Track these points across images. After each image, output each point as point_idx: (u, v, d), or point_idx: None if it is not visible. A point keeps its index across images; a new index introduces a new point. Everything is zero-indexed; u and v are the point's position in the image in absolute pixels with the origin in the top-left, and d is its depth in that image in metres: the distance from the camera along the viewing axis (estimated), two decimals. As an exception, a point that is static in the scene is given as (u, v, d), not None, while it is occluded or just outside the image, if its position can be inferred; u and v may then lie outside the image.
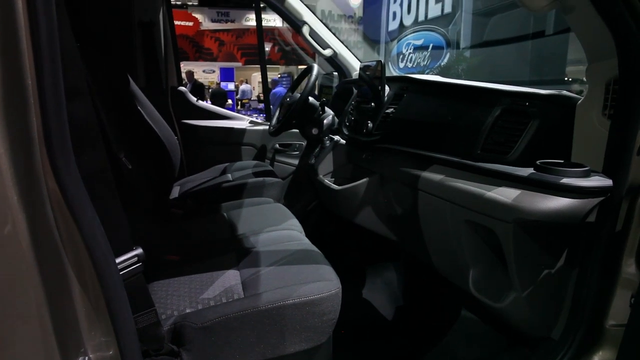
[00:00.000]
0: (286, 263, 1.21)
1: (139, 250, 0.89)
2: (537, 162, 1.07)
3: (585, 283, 1.09)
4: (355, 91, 2.16)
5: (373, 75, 1.82)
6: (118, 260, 0.85)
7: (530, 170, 1.08)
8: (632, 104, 0.99)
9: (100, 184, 0.81)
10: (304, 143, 2.61)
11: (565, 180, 1.00)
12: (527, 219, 1.03)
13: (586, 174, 1.02)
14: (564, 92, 1.22)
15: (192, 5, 16.79)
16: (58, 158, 0.65)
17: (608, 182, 1.00)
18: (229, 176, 2.29)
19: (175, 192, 2.25)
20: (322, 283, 1.08)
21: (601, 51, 1.05)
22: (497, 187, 1.12)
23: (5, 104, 0.59)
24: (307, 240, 1.41)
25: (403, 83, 1.75)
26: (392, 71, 7.65)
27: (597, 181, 1.00)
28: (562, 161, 1.06)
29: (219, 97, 11.51)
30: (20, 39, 0.59)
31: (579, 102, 1.14)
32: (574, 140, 1.15)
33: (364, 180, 1.75)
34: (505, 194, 1.08)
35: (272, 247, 1.34)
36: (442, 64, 6.69)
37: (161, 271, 1.26)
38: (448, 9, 6.73)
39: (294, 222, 1.60)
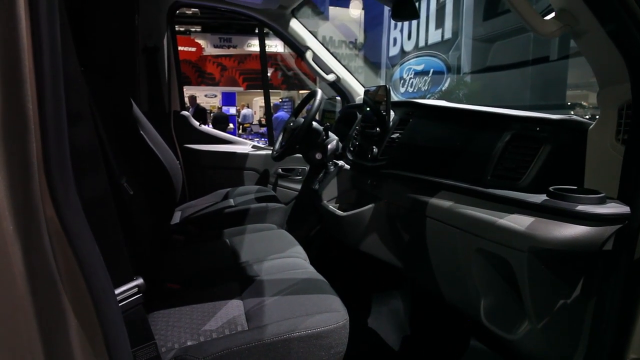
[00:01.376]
0: (291, 293, 1.17)
1: (140, 281, 0.85)
2: (550, 188, 1.04)
3: (604, 314, 1.05)
4: (359, 116, 2.15)
5: (378, 100, 1.81)
6: (118, 291, 0.81)
7: (543, 197, 1.05)
8: (648, 128, 0.97)
9: (100, 212, 0.78)
10: (307, 168, 2.59)
11: (580, 208, 0.97)
12: (542, 247, 0.99)
13: (602, 201, 0.99)
14: (575, 117, 1.20)
15: (195, 31, 17.06)
16: (58, 186, 0.62)
17: (625, 209, 0.97)
18: (231, 201, 2.26)
19: (177, 217, 2.21)
20: (329, 314, 1.04)
21: (613, 76, 1.04)
22: (509, 214, 1.09)
23: (4, 129, 0.56)
24: (312, 268, 1.37)
25: (408, 108, 1.74)
26: (393, 96, 7.70)
27: (613, 208, 0.97)
28: (575, 187, 1.03)
29: (221, 121, 11.59)
30: (22, 63, 0.57)
31: (591, 127, 1.12)
32: (587, 165, 1.12)
33: (370, 206, 1.71)
34: (519, 222, 1.05)
35: (276, 276, 1.30)
36: (443, 88, 6.74)
37: (162, 300, 1.22)
38: (448, 34, 6.81)
39: (298, 249, 1.56)
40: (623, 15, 0.91)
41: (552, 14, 1.03)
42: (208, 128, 2.87)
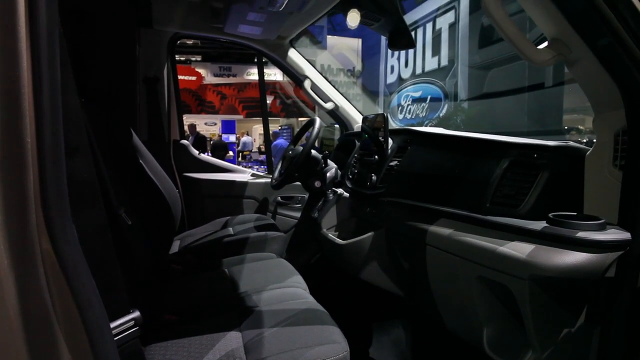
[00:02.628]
0: (291, 324, 1.15)
1: (136, 313, 0.84)
2: (550, 215, 1.03)
3: (610, 342, 1.03)
4: (357, 144, 2.16)
5: (376, 127, 1.82)
6: (114, 324, 0.80)
7: (543, 223, 1.05)
8: (644, 154, 0.97)
9: (97, 244, 0.78)
10: (306, 196, 2.59)
11: (580, 234, 0.96)
12: (543, 275, 0.98)
13: (602, 227, 0.98)
14: (572, 143, 1.20)
15: (196, 60, 17.32)
16: (54, 218, 0.62)
17: (626, 235, 0.96)
18: (231, 230, 2.25)
19: (175, 246, 2.20)
20: (329, 346, 1.02)
21: (607, 102, 1.05)
22: (509, 241, 1.08)
23: (2, 162, 0.57)
24: (312, 299, 1.36)
25: (406, 135, 1.75)
26: (391, 122, 7.77)
27: (614, 234, 0.96)
28: (575, 214, 1.03)
29: (220, 148, 11.66)
30: (22, 97, 0.58)
31: (588, 153, 1.12)
32: (586, 191, 1.12)
33: (369, 234, 1.70)
34: (519, 249, 1.04)
35: (275, 306, 1.29)
36: (441, 115, 6.80)
37: (159, 332, 1.20)
38: (445, 62, 6.92)
39: (298, 279, 1.55)
40: (614, 44, 0.93)
41: (545, 43, 1.05)
42: (207, 157, 2.88)
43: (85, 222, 0.76)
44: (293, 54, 2.63)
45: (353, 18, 1.89)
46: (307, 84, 2.62)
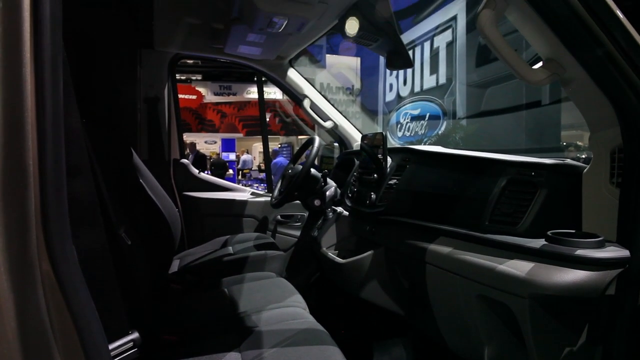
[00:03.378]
0: (290, 344, 1.14)
1: (135, 335, 0.84)
2: (549, 232, 1.04)
3: (612, 362, 1.02)
4: (356, 162, 2.17)
5: (375, 146, 1.83)
6: (112, 346, 0.80)
7: (542, 241, 1.05)
8: (640, 172, 0.98)
9: (97, 265, 0.78)
10: (306, 214, 2.59)
11: (579, 252, 0.96)
12: (543, 293, 0.98)
13: (601, 245, 0.98)
14: (569, 161, 1.21)
15: (196, 79, 17.48)
16: (55, 240, 0.62)
17: (625, 252, 0.96)
18: (230, 249, 2.24)
19: (175, 265, 2.19)
20: (329, 366, 1.01)
21: (603, 120, 1.06)
22: (508, 259, 1.08)
23: (4, 183, 0.57)
24: (311, 318, 1.35)
25: (405, 154, 1.76)
26: (390, 140, 7.81)
27: (613, 252, 0.96)
28: (574, 231, 1.03)
29: (219, 167, 11.69)
30: (25, 121, 0.59)
31: (585, 170, 1.13)
32: (584, 209, 1.12)
33: (369, 253, 1.70)
34: (518, 267, 1.04)
35: (275, 327, 1.28)
36: (440, 132, 6.84)
37: (158, 353, 1.19)
38: (443, 80, 6.98)
39: (298, 298, 1.54)
40: (607, 63, 0.94)
41: (540, 63, 1.07)
42: (207, 175, 2.88)
43: (86, 242, 0.76)
44: (292, 73, 2.66)
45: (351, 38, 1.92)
46: (306, 103, 2.65)
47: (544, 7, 0.94)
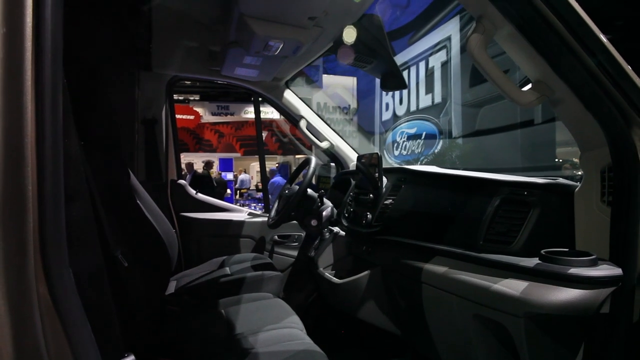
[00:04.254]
0: (287, 366, 1.14)
1: (131, 358, 0.83)
2: (542, 251, 1.05)
3: (608, 382, 1.02)
4: (352, 182, 2.18)
5: (370, 166, 1.85)
6: (108, 369, 0.79)
7: (536, 260, 1.06)
8: (630, 191, 0.99)
9: (94, 288, 0.79)
10: (303, 234, 2.59)
11: (572, 271, 0.97)
12: (537, 312, 0.99)
13: (594, 263, 0.99)
14: (561, 180, 1.23)
15: (194, 99, 17.59)
16: (52, 264, 0.63)
17: (617, 271, 0.97)
18: (227, 270, 2.24)
19: (172, 287, 2.18)
20: (326, 388, 1.01)
21: (592, 140, 1.08)
22: (503, 279, 1.09)
23: (3, 208, 0.58)
24: (308, 340, 1.35)
25: (400, 174, 1.78)
26: (387, 159, 7.84)
27: (606, 270, 0.97)
28: (567, 250, 1.04)
29: (220, 186, 11.67)
30: (25, 144, 0.60)
31: (577, 189, 1.15)
32: (577, 227, 1.14)
33: (366, 273, 1.70)
34: (513, 286, 1.05)
35: (272, 348, 1.28)
36: (436, 151, 6.88)
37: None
38: (438, 99, 7.05)
39: (295, 319, 1.54)
40: (594, 85, 0.96)
41: (529, 85, 1.09)
42: (204, 196, 2.89)
43: (82, 266, 0.76)
44: (289, 94, 2.70)
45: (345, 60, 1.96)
46: (302, 124, 2.68)
47: (530, 32, 0.97)
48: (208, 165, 10.66)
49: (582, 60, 0.95)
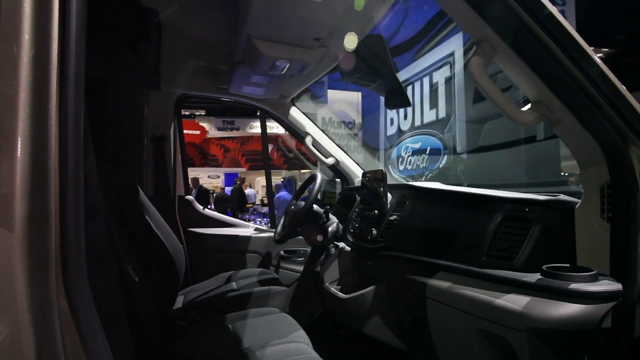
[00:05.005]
0: (294, 380, 1.16)
1: (142, 371, 0.86)
2: (544, 267, 1.07)
3: (610, 396, 1.04)
4: (358, 198, 2.21)
5: (375, 182, 1.88)
6: (121, 382, 0.82)
7: (537, 275, 1.08)
8: (629, 208, 1.02)
9: (108, 303, 0.82)
10: (309, 249, 2.61)
11: (573, 286, 0.99)
12: (539, 326, 1.01)
13: (594, 278, 1.02)
14: (562, 197, 1.26)
15: (200, 114, 17.74)
16: (72, 278, 0.67)
17: (617, 286, 1.00)
18: (234, 284, 2.26)
19: (179, 301, 2.20)
20: (333, 402, 1.03)
21: (590, 158, 1.11)
22: (505, 294, 1.11)
23: (28, 227, 0.62)
24: (314, 354, 1.37)
25: (405, 190, 1.81)
26: (392, 173, 7.86)
27: (606, 285, 1.00)
28: (568, 265, 1.06)
29: (223, 201, 11.73)
30: (49, 167, 0.64)
31: (577, 206, 1.17)
32: (578, 243, 1.16)
33: (371, 288, 1.73)
34: (515, 301, 1.07)
35: (279, 362, 1.30)
36: (441, 165, 6.90)
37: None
38: (442, 114, 7.10)
39: (301, 334, 1.56)
40: (590, 106, 1.00)
41: (529, 105, 1.12)
42: (211, 212, 2.92)
43: (99, 281, 0.79)
44: (295, 112, 2.75)
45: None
46: (308, 141, 2.72)
47: (528, 55, 1.01)
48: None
49: (578, 82, 0.98)
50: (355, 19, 1.70)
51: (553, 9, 0.95)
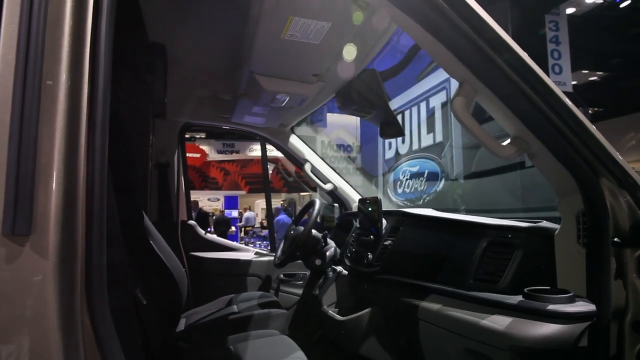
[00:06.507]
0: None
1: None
2: (525, 289, 1.15)
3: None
4: (354, 223, 2.30)
5: (371, 208, 1.97)
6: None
7: (520, 297, 1.16)
8: (602, 234, 1.11)
9: (123, 324, 0.89)
10: (308, 273, 2.68)
11: (551, 307, 1.08)
12: (521, 345, 1.08)
13: (571, 300, 1.10)
14: (543, 224, 1.35)
15: (200, 138, 17.89)
16: (95, 301, 0.75)
17: (591, 307, 1.08)
18: (235, 307, 2.32)
19: (182, 324, 2.26)
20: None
21: (566, 188, 1.20)
22: (490, 315, 1.19)
23: (59, 253, 0.71)
24: None
25: (399, 216, 1.90)
26: (391, 196, 7.94)
27: (581, 306, 1.08)
28: (548, 288, 1.15)
29: (222, 224, 11.78)
30: (78, 202, 0.74)
31: (556, 232, 1.26)
32: (558, 266, 1.24)
33: (367, 310, 1.80)
34: (498, 322, 1.15)
35: (278, 382, 1.36)
36: (438, 189, 6.99)
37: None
38: (439, 138, 7.23)
39: (300, 355, 1.62)
40: (563, 142, 1.10)
41: (509, 140, 1.22)
42: (213, 236, 3.00)
43: (116, 303, 0.88)
44: (294, 139, 2.85)
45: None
46: (307, 167, 2.81)
47: (505, 96, 1.11)
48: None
49: (551, 120, 1.08)
50: (352, 56, 1.81)
51: (525, 55, 1.06)
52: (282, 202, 14.47)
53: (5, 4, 0.72)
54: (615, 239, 1.10)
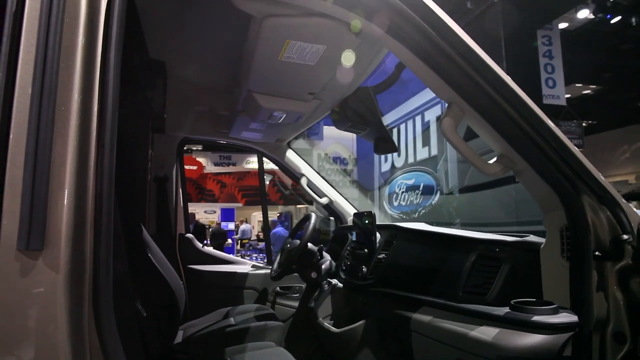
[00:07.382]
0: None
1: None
2: (512, 301, 1.20)
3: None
4: (350, 237, 2.35)
5: (365, 222, 2.02)
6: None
7: (506, 309, 1.21)
8: (583, 248, 1.16)
9: (129, 335, 0.94)
10: (304, 286, 2.72)
11: (536, 318, 1.13)
12: (508, 355, 1.13)
13: (555, 311, 1.15)
14: (530, 238, 1.40)
15: (197, 150, 17.91)
16: (102, 312, 0.80)
17: (574, 318, 1.13)
18: (232, 320, 2.35)
19: (180, 336, 2.29)
20: None
21: (550, 204, 1.26)
22: (478, 326, 1.24)
23: (69, 266, 0.76)
24: None
25: (392, 231, 1.95)
26: (387, 209, 7.99)
27: (564, 318, 1.13)
28: (534, 300, 1.20)
29: (219, 236, 11.78)
30: (87, 220, 0.79)
31: (542, 246, 1.32)
32: (543, 279, 1.30)
33: (361, 322, 1.84)
34: (486, 333, 1.20)
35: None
36: (433, 202, 7.05)
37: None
38: (434, 151, 7.31)
39: (296, 366, 1.66)
40: (546, 161, 1.16)
41: (495, 158, 1.28)
42: (211, 249, 3.04)
43: (120, 315, 0.92)
44: (290, 154, 2.91)
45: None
46: (303, 182, 2.87)
47: (490, 117, 1.17)
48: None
49: (534, 141, 1.15)
50: (347, 76, 1.88)
51: (508, 79, 1.13)
52: (277, 214, 14.49)
53: (23, 36, 0.77)
54: (597, 253, 1.15)
